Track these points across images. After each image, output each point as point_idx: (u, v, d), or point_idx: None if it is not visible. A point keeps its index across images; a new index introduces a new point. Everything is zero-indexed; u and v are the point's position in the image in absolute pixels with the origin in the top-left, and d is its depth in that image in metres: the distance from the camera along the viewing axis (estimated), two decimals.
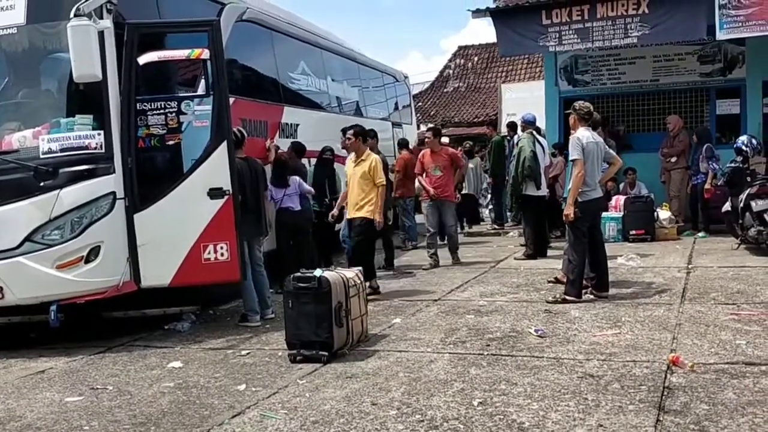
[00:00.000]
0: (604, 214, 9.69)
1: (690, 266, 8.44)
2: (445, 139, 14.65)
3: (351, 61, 12.69)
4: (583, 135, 6.73)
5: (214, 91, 6.31)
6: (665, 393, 4.13)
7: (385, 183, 7.63)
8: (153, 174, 6.27)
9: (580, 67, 13.11)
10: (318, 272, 5.36)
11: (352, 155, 7.72)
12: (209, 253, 6.23)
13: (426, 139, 9.41)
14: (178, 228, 6.20)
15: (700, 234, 10.98)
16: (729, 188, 9.56)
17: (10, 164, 5.98)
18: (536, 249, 9.64)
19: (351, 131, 7.76)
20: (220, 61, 6.29)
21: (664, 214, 11.12)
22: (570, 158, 6.74)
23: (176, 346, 6.08)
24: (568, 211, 6.64)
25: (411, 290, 7.94)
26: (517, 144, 9.92)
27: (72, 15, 5.66)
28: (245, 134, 7.02)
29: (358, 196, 7.54)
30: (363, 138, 8.72)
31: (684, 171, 11.51)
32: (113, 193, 6.08)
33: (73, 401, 4.70)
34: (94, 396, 4.78)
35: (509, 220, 13.69)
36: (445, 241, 9.71)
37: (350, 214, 7.67)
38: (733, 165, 9.51)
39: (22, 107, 6.41)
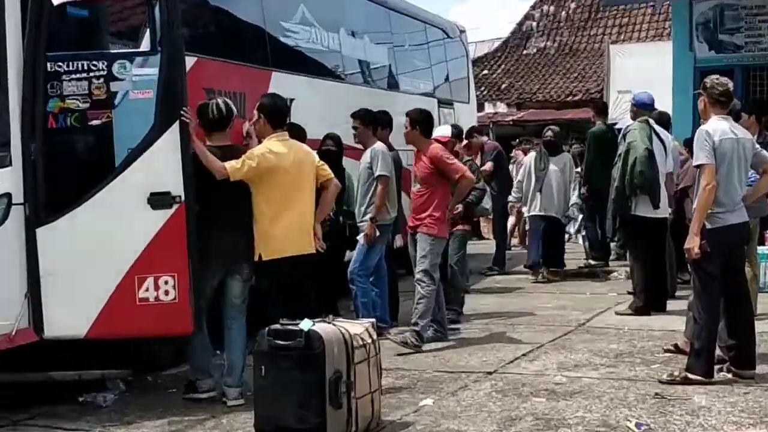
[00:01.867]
0: (759, 249, 9.56)
1: None
2: (483, 138, 13.88)
3: (378, 5, 12.72)
4: (716, 127, 6.67)
5: (163, 46, 6.38)
6: None
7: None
8: (67, 169, 6.46)
9: (728, 23, 13.04)
10: (306, 324, 5.41)
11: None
12: (147, 290, 6.30)
13: (404, 128, 8.72)
14: (103, 251, 6.28)
15: None
16: None
17: None
18: (650, 299, 9.53)
19: (256, 108, 7.31)
20: (172, 4, 6.38)
21: None
22: (695, 162, 6.69)
23: (94, 429, 6.07)
24: (691, 243, 6.60)
25: (454, 356, 7.93)
26: (624, 138, 9.84)
27: None
28: (234, 110, 7.04)
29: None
30: (373, 126, 8.60)
31: None
32: (7, 195, 6.17)
33: None
34: None
35: (613, 251, 13.54)
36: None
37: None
38: None
39: None
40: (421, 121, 8.56)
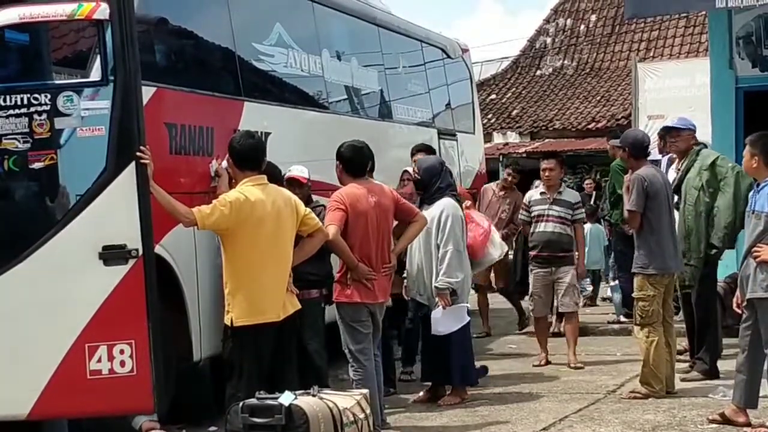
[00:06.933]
0: None
1: None
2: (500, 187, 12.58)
3: (367, 23, 12.56)
4: None
5: (117, 75, 6.33)
6: None
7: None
8: (5, 220, 6.40)
9: None
10: (287, 398, 5.51)
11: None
12: (100, 360, 6.22)
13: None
14: (47, 315, 6.23)
15: None
16: None
17: None
18: (715, 359, 9.27)
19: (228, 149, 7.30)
20: (127, 25, 6.30)
21: None
22: None
23: None
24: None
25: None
26: (711, 167, 9.35)
27: None
28: None
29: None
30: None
31: None
32: None
33: None
34: None
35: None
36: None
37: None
38: None
39: None
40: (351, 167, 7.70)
